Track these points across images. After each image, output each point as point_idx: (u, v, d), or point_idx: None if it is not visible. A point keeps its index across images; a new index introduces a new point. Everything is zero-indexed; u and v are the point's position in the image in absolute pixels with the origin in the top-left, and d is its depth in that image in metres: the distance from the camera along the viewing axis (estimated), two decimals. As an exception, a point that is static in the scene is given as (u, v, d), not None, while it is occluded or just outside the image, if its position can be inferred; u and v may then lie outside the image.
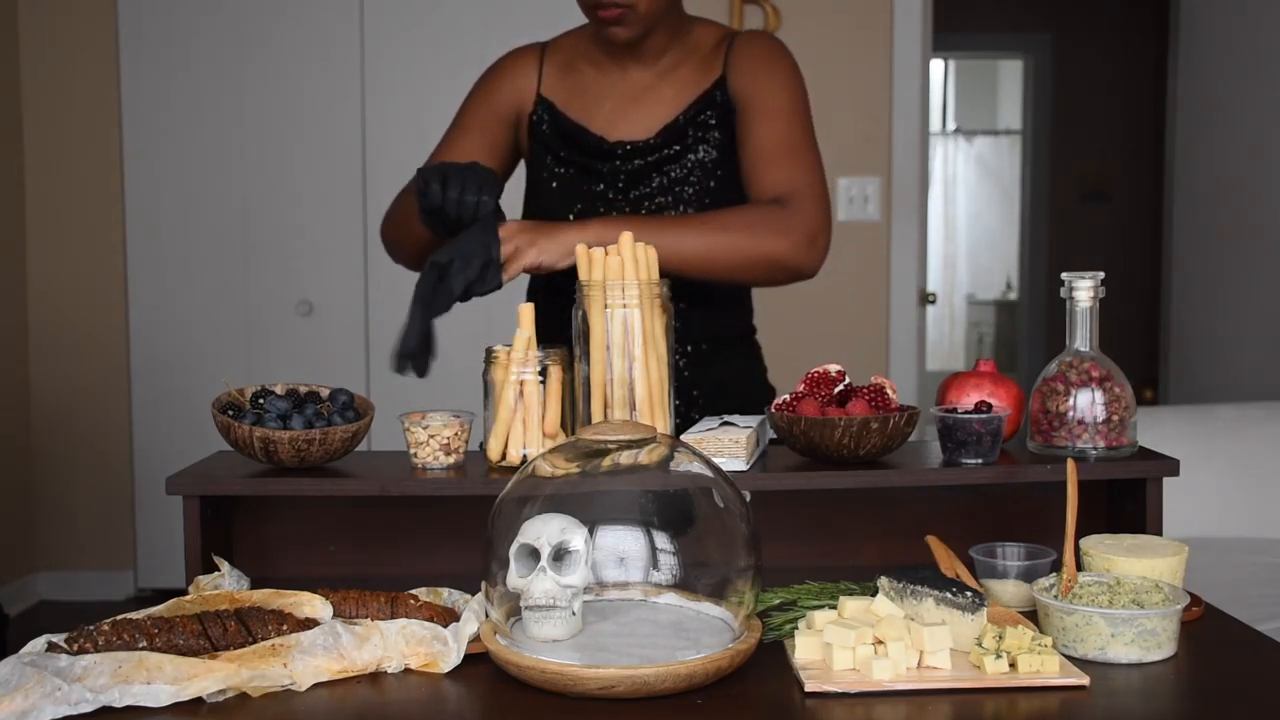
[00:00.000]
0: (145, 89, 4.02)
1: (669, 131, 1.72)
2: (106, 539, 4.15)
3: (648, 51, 1.75)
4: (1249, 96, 3.81)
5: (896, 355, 4.04)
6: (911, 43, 3.98)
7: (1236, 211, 3.89)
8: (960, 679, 1.07)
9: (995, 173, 8.92)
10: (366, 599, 1.21)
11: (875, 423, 1.35)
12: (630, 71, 1.77)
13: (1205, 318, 4.06)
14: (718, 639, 1.12)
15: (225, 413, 1.38)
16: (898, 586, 1.15)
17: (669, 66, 1.76)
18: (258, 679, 1.06)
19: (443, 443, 1.40)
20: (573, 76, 1.79)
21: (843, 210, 4.03)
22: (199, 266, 4.06)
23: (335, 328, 4.06)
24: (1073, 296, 1.41)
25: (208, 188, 4.04)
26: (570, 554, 1.11)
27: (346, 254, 4.03)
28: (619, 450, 1.16)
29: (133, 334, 4.08)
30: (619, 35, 1.69)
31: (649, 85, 1.76)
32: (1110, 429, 1.39)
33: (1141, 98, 6.82)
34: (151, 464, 4.06)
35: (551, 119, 1.77)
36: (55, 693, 1.01)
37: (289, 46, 4.01)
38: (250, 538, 1.48)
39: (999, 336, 8.62)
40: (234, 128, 4.02)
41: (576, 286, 1.41)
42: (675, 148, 1.72)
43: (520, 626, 1.14)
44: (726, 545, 1.16)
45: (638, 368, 1.38)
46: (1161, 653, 1.13)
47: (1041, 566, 1.29)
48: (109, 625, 1.11)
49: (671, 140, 1.72)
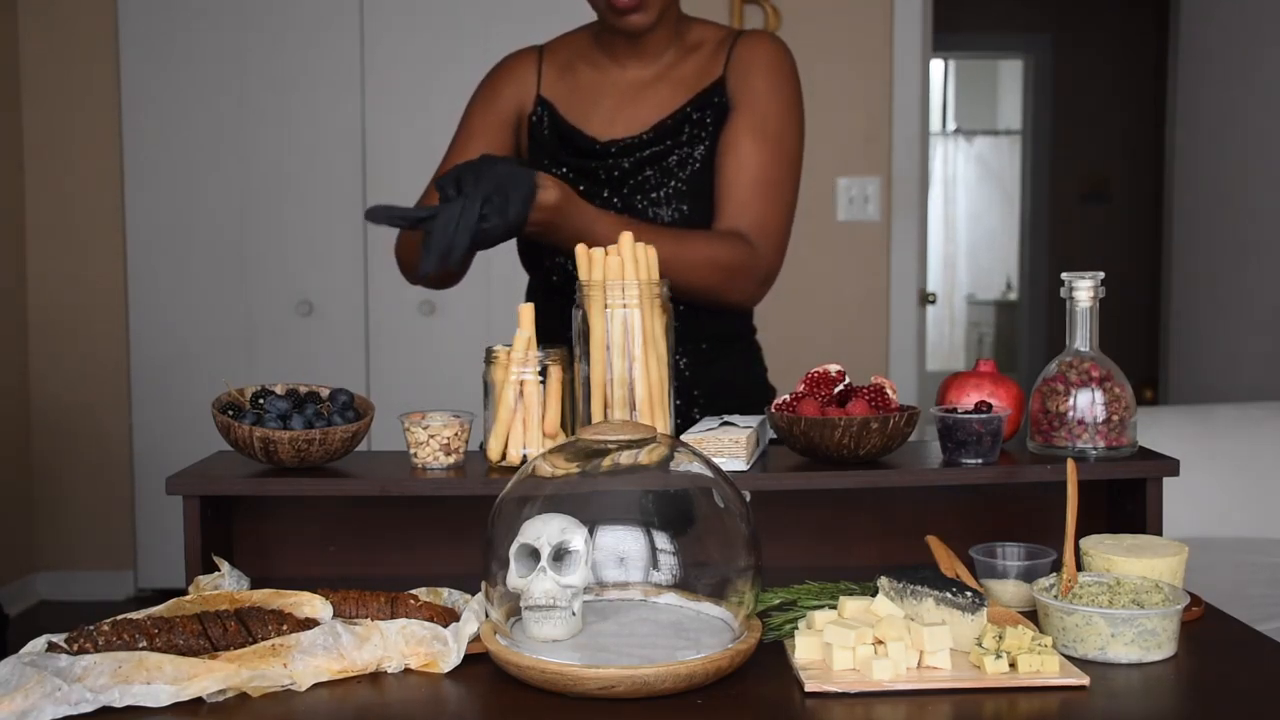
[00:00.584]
0: (145, 89, 4.02)
1: (662, 128, 1.72)
2: (106, 539, 4.15)
3: (648, 50, 1.75)
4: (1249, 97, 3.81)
5: (896, 355, 4.05)
6: (911, 43, 3.98)
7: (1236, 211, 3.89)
8: (960, 679, 1.07)
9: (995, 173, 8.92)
10: (366, 599, 1.21)
11: (875, 423, 1.35)
12: (629, 70, 1.77)
13: (1205, 318, 4.06)
14: (718, 639, 1.12)
15: (225, 413, 1.38)
16: (898, 586, 1.15)
17: (668, 65, 1.76)
18: (258, 679, 1.06)
19: (443, 443, 1.40)
20: (571, 77, 1.79)
21: (843, 210, 4.04)
22: (199, 267, 4.06)
23: (335, 328, 4.06)
24: (1073, 296, 1.41)
25: (208, 188, 4.04)
26: (570, 554, 1.11)
27: (346, 254, 4.03)
28: (619, 450, 1.16)
29: (133, 334, 4.08)
30: (635, 23, 1.69)
31: (647, 84, 1.76)
32: (1110, 429, 1.39)
33: (1141, 98, 6.82)
34: (151, 464, 4.06)
35: (550, 120, 1.77)
36: (55, 693, 1.01)
37: (289, 47, 4.01)
38: (250, 538, 1.48)
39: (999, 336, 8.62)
40: (234, 128, 4.02)
41: (577, 286, 1.41)
42: (668, 143, 1.72)
43: (520, 626, 1.14)
44: (726, 545, 1.16)
45: (638, 368, 1.38)
46: (1161, 653, 1.13)
47: (1041, 566, 1.29)
48: (109, 625, 1.11)
49: (664, 136, 1.72)
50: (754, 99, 1.71)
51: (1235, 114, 3.89)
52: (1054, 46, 7.02)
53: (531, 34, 2.03)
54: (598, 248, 1.40)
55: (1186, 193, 4.20)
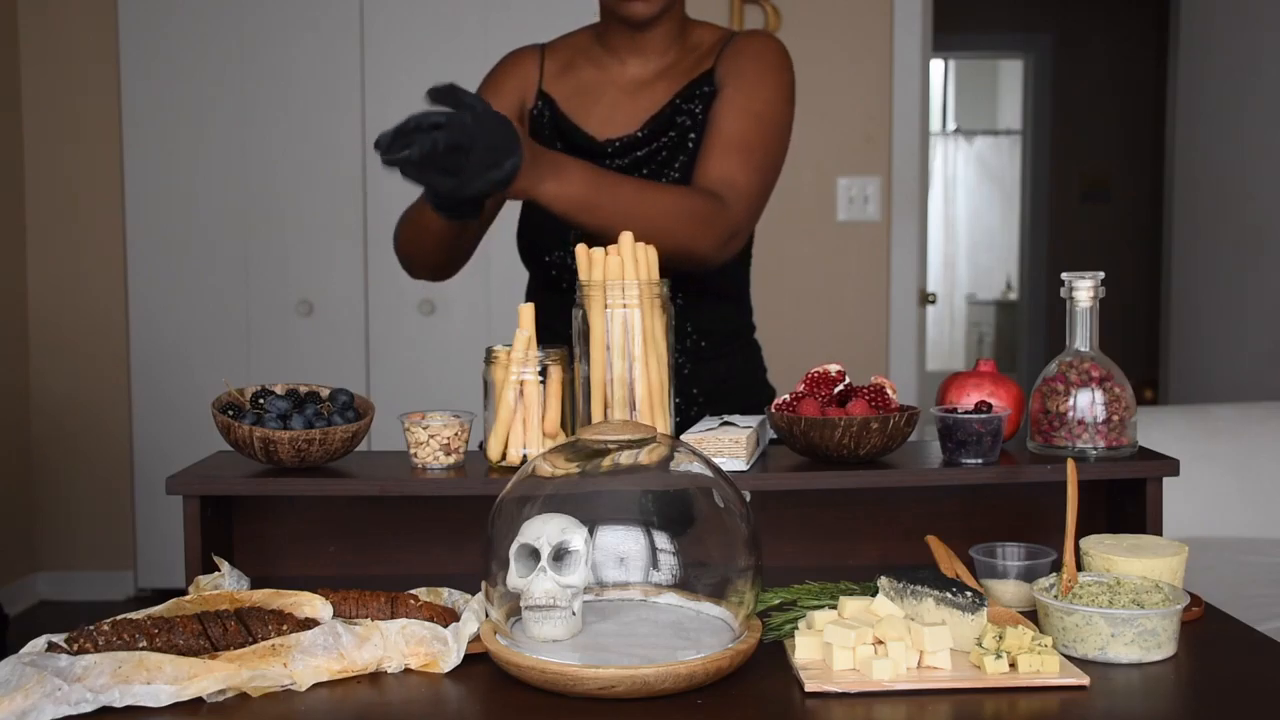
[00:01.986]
0: (145, 89, 4.02)
1: (655, 122, 1.73)
2: (106, 539, 4.15)
3: (650, 47, 1.75)
4: (1249, 96, 3.81)
5: (896, 355, 4.05)
6: (911, 43, 3.98)
7: (1236, 211, 3.89)
8: (960, 679, 1.07)
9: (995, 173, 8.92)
10: (366, 599, 1.21)
11: (875, 423, 1.35)
12: (630, 67, 1.77)
13: (1205, 318, 4.06)
14: (718, 639, 1.12)
15: (225, 413, 1.38)
16: (898, 586, 1.15)
17: (667, 63, 1.77)
18: (258, 679, 1.06)
19: (443, 443, 1.40)
20: (573, 75, 1.79)
21: (843, 210, 4.04)
22: (199, 266, 4.06)
23: (335, 328, 4.06)
24: (1073, 296, 1.41)
25: (208, 187, 4.04)
26: (570, 554, 1.11)
27: (346, 254, 4.03)
28: (619, 450, 1.16)
29: (133, 334, 4.08)
30: (639, 11, 1.69)
31: (645, 81, 1.76)
32: (1110, 429, 1.39)
33: (1141, 98, 6.82)
34: (151, 464, 4.06)
35: (551, 115, 1.77)
36: (55, 693, 1.01)
37: (289, 46, 4.01)
38: (250, 538, 1.48)
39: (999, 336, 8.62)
40: (234, 127, 4.02)
41: (577, 286, 1.41)
42: (663, 139, 1.72)
43: (520, 626, 1.14)
44: (726, 545, 1.16)
45: (638, 368, 1.38)
46: (1161, 653, 1.13)
47: (1041, 566, 1.29)
48: (109, 625, 1.11)
49: (658, 132, 1.72)
50: (740, 80, 1.71)
51: (1235, 114, 3.89)
52: (1054, 46, 7.02)
53: (531, 35, 2.03)
54: (598, 248, 1.40)
55: (1186, 193, 4.20)
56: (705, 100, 1.72)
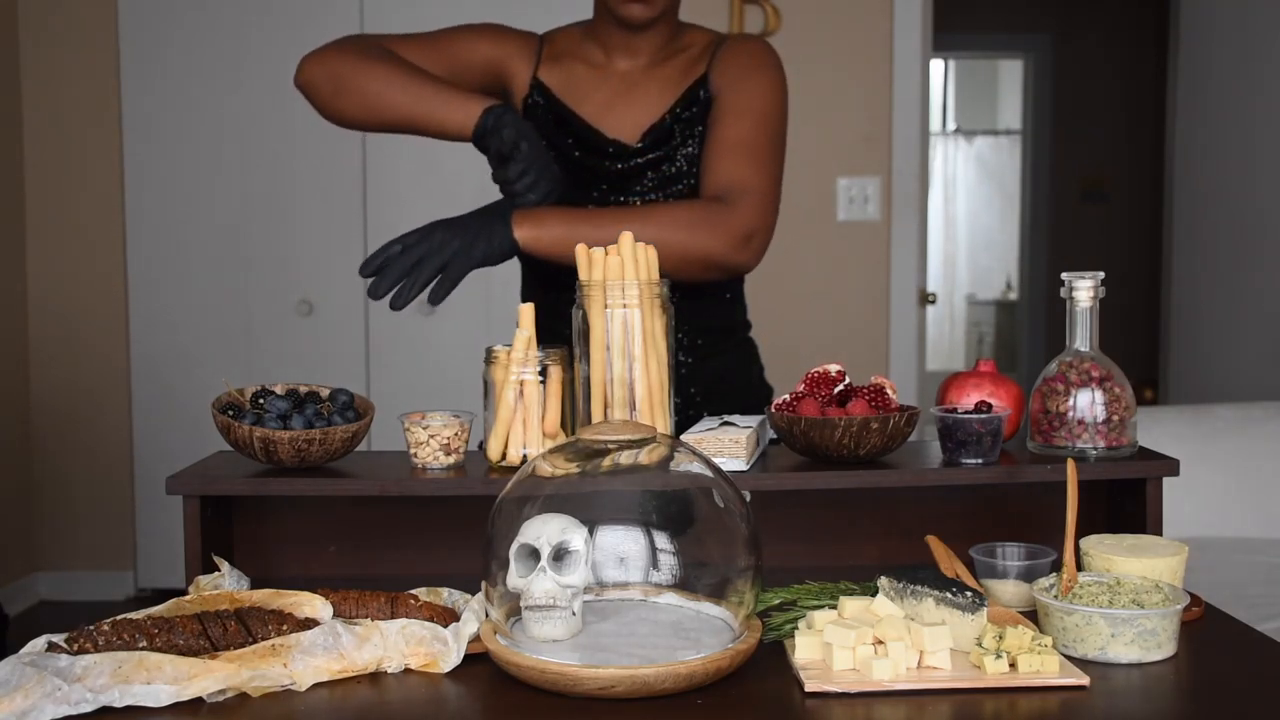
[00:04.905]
0: (145, 88, 4.02)
1: (655, 133, 1.73)
2: (106, 539, 4.15)
3: (642, 46, 1.76)
4: (1249, 97, 3.81)
5: (896, 355, 4.05)
6: (911, 43, 3.98)
7: (1236, 211, 3.89)
8: (960, 679, 1.07)
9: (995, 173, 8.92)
10: (366, 599, 1.21)
11: (875, 423, 1.35)
12: (620, 63, 1.78)
13: (1205, 318, 4.06)
14: (718, 639, 1.12)
15: (225, 413, 1.38)
16: (898, 586, 1.15)
17: (658, 63, 1.77)
18: (258, 679, 1.06)
19: (443, 443, 1.40)
20: (566, 67, 1.79)
21: (843, 210, 4.03)
22: (199, 266, 4.06)
23: (335, 328, 4.06)
24: (1073, 296, 1.41)
25: (208, 187, 4.04)
26: (570, 554, 1.11)
27: (346, 254, 4.03)
28: (619, 450, 1.16)
29: (133, 334, 4.08)
30: (640, 15, 1.69)
31: (636, 81, 1.77)
32: (1110, 429, 1.39)
33: (1141, 98, 6.82)
34: (151, 464, 4.06)
35: (547, 103, 1.77)
36: (55, 693, 1.01)
37: (289, 46, 4.00)
38: (250, 538, 1.48)
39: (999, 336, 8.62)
40: (234, 127, 4.02)
41: (577, 286, 1.41)
42: (663, 149, 1.73)
43: (520, 626, 1.14)
44: (726, 545, 1.16)
45: (638, 368, 1.38)
46: (1161, 653, 1.13)
47: (1041, 566, 1.29)
48: (109, 625, 1.11)
49: (658, 144, 1.73)
50: (734, 86, 1.72)
51: (1235, 114, 3.89)
52: (1054, 46, 7.02)
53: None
54: (598, 248, 1.40)
55: (1186, 193, 4.20)
56: (703, 107, 1.73)
